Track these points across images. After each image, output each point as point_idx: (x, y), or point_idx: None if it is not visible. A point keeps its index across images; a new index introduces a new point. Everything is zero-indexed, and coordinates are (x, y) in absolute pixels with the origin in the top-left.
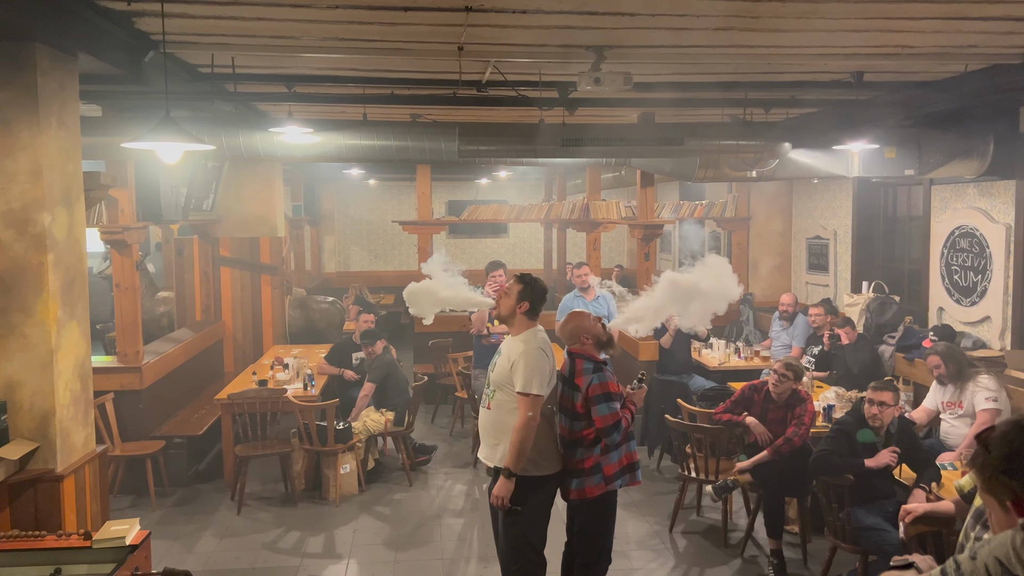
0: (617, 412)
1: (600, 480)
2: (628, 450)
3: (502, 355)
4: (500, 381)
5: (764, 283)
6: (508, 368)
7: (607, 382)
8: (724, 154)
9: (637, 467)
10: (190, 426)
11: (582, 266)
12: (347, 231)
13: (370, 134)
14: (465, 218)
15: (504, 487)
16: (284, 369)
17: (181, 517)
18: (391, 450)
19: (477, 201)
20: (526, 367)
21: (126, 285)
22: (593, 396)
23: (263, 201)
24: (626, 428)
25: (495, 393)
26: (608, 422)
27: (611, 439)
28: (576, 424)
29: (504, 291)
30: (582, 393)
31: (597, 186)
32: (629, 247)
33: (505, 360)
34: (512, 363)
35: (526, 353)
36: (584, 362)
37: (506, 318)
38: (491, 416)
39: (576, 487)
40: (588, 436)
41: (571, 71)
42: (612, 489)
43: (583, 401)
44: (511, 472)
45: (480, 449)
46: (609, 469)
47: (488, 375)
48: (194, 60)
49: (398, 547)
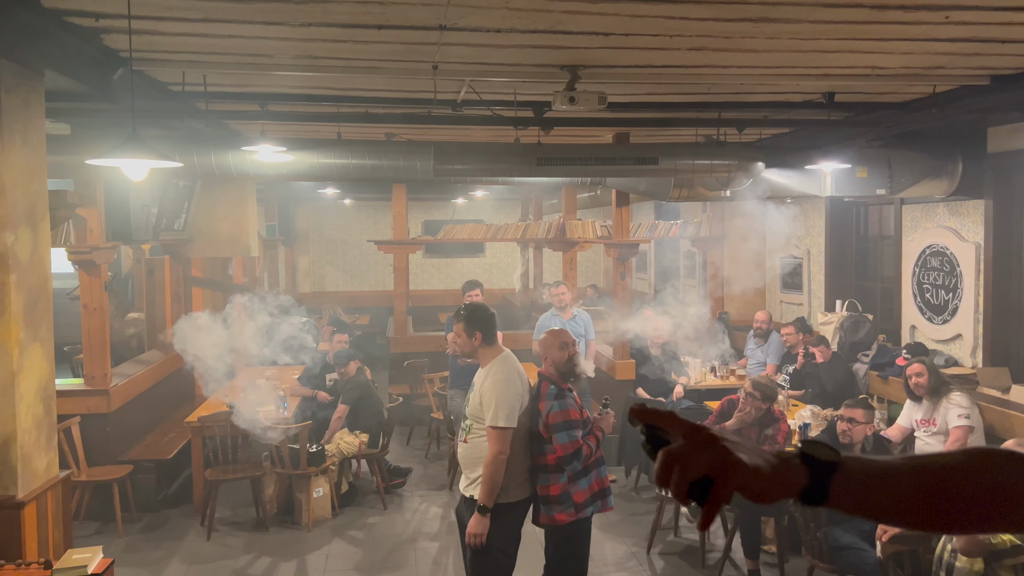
0: (578, 440)
1: (570, 508)
2: (599, 476)
3: (474, 389)
4: (475, 415)
5: (739, 302)
6: (479, 402)
7: (568, 410)
8: (698, 173)
9: (608, 493)
10: (159, 450)
11: (559, 285)
12: (322, 251)
13: (344, 153)
14: (441, 238)
15: (480, 523)
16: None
17: (149, 544)
18: (365, 473)
19: (453, 221)
20: (494, 400)
21: (94, 306)
22: (553, 424)
23: (236, 220)
24: (594, 455)
25: (472, 427)
26: (568, 450)
27: (572, 467)
28: (537, 446)
29: (452, 338)
30: (543, 418)
31: (573, 206)
32: (604, 266)
33: (476, 394)
34: (482, 397)
35: (493, 386)
36: (549, 386)
37: (471, 355)
38: (468, 449)
39: (545, 512)
40: (550, 462)
41: (546, 91)
42: (584, 517)
43: (544, 426)
44: (486, 508)
45: (460, 480)
46: (579, 496)
47: (463, 408)
48: (165, 78)
49: (372, 572)
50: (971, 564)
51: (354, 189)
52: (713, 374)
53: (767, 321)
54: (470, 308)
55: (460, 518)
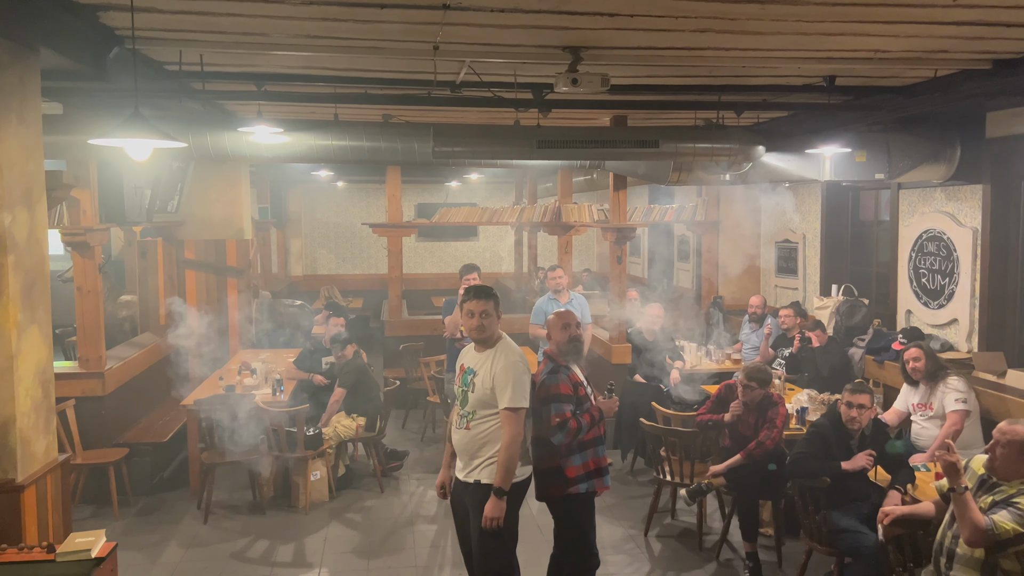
0: (563, 412)
1: (560, 481)
2: (596, 455)
3: (477, 375)
4: (483, 401)
5: (733, 286)
6: (490, 387)
7: (558, 384)
8: (699, 157)
9: (605, 472)
10: (154, 433)
11: (556, 269)
12: (314, 234)
13: (341, 134)
14: (436, 221)
15: (497, 507)
16: (252, 374)
17: (145, 527)
18: (361, 456)
19: (447, 204)
20: (511, 381)
21: (88, 288)
22: (542, 397)
23: (229, 203)
24: (585, 432)
25: (475, 414)
26: (553, 422)
27: (556, 439)
28: (538, 423)
29: (479, 319)
30: (535, 392)
31: (569, 189)
32: (599, 251)
33: (486, 379)
34: (494, 380)
35: (508, 367)
36: (547, 363)
37: (490, 337)
38: (471, 435)
39: (540, 483)
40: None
41: (546, 72)
42: (576, 492)
43: (537, 400)
44: (503, 491)
45: (458, 468)
46: (571, 471)
47: (462, 395)
48: (161, 57)
49: (370, 555)
50: (972, 551)
51: (347, 171)
52: (709, 358)
53: (762, 306)
54: (488, 287)
55: (458, 504)
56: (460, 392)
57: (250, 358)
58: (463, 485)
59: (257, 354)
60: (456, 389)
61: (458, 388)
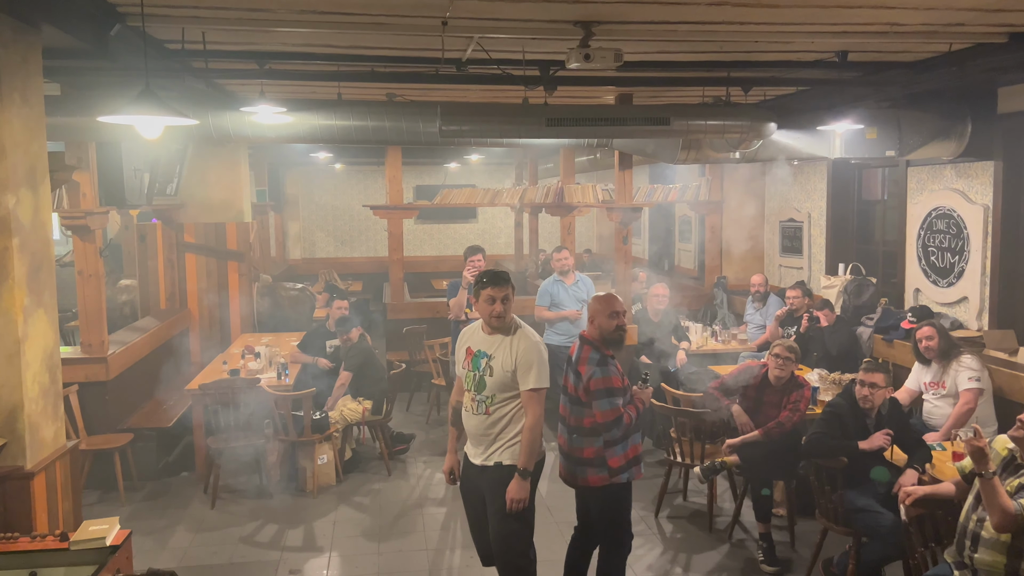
0: (619, 408)
1: (604, 472)
2: (633, 442)
3: (494, 358)
4: (504, 384)
5: (737, 266)
6: (511, 370)
7: (611, 376)
8: (710, 134)
9: (641, 459)
10: (158, 417)
11: (562, 250)
12: (312, 217)
13: (345, 114)
14: (438, 202)
15: (523, 488)
16: (256, 358)
17: (153, 512)
18: (368, 439)
19: (446, 186)
20: (535, 363)
21: (89, 272)
22: (595, 390)
23: (228, 185)
24: (629, 423)
25: (494, 398)
26: (608, 417)
27: (611, 435)
28: (576, 410)
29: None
30: (583, 383)
31: (571, 169)
32: (598, 231)
33: (506, 362)
34: (516, 362)
35: (531, 349)
36: (591, 351)
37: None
38: (489, 420)
39: (578, 473)
40: (586, 424)
41: (554, 49)
42: (619, 482)
43: (584, 391)
44: (528, 472)
45: (473, 453)
46: (614, 462)
47: (476, 380)
48: (162, 35)
49: (380, 538)
50: (999, 535)
51: (346, 153)
52: (714, 339)
53: (763, 284)
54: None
55: (470, 488)
56: (471, 377)
57: (253, 342)
58: (478, 469)
59: (260, 338)
60: (465, 373)
61: (468, 372)
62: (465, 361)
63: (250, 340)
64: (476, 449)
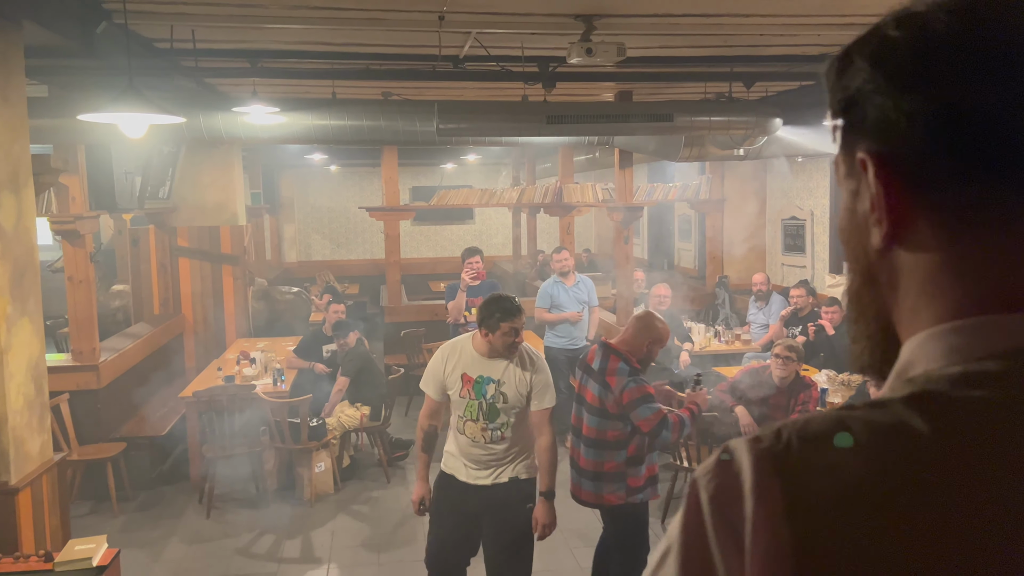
0: (660, 410)
1: (621, 490)
2: (650, 462)
3: (504, 383)
4: (516, 408)
5: (739, 265)
6: (526, 392)
7: (644, 385)
8: (714, 131)
9: (657, 480)
10: (152, 426)
11: (562, 251)
12: (308, 219)
13: (340, 114)
14: (435, 203)
15: (551, 511)
16: (251, 364)
17: (146, 522)
18: (366, 446)
19: (442, 187)
20: (551, 382)
21: (80, 278)
22: (630, 401)
23: (222, 188)
24: (687, 429)
25: (508, 423)
26: (653, 423)
27: (663, 438)
28: (598, 422)
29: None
30: (614, 395)
31: (570, 169)
32: (597, 231)
33: (521, 385)
34: (531, 384)
35: (545, 367)
36: (620, 362)
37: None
38: (505, 445)
39: (593, 490)
40: (610, 437)
41: (554, 44)
42: (635, 502)
43: (614, 403)
44: (553, 493)
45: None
46: (634, 481)
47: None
48: (150, 33)
49: (380, 548)
50: None
51: (341, 155)
52: (717, 339)
53: (765, 282)
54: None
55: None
56: (475, 405)
57: (248, 347)
58: (482, 489)
59: (255, 343)
60: (467, 403)
61: (470, 401)
62: (463, 390)
63: (245, 345)
64: (481, 472)
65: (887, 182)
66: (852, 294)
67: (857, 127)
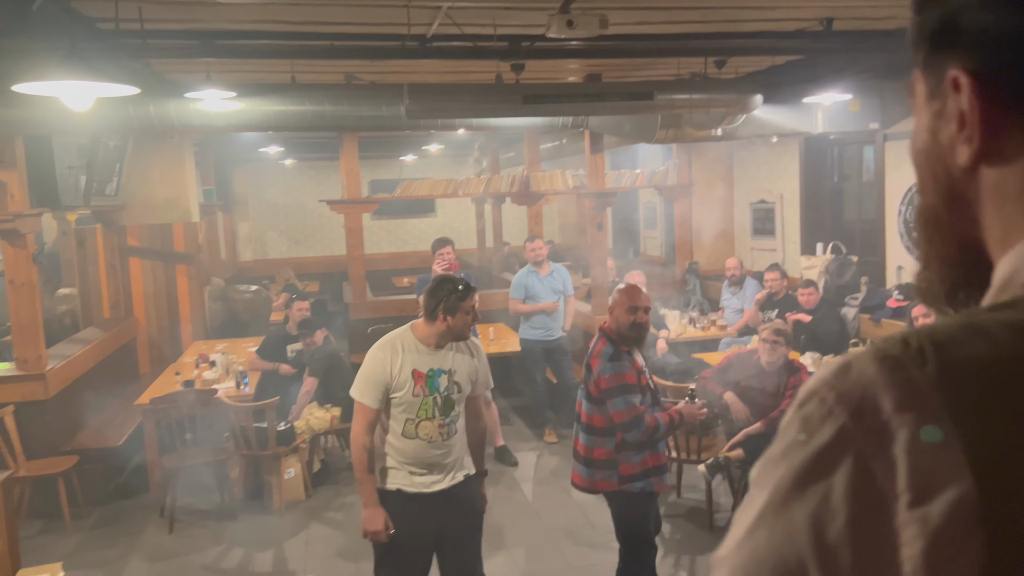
0: (636, 407)
1: (613, 477)
2: (654, 451)
3: (456, 372)
4: (467, 393)
5: (708, 251)
6: (475, 379)
7: (623, 372)
8: (695, 109)
9: (665, 470)
10: (106, 437)
11: (535, 239)
12: (263, 216)
13: (301, 99)
14: (399, 194)
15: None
16: (211, 367)
17: (103, 540)
18: (337, 449)
19: (402, 180)
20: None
21: (22, 281)
22: (606, 388)
23: (173, 183)
24: (663, 432)
25: (460, 413)
26: (624, 417)
27: (631, 436)
28: (588, 407)
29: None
30: (594, 379)
31: (536, 157)
32: (561, 222)
33: (471, 371)
34: (478, 370)
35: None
36: (606, 344)
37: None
38: (457, 438)
39: (587, 476)
40: (596, 423)
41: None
42: (630, 491)
43: (595, 387)
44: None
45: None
46: (626, 469)
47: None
48: (93, 12)
49: (358, 557)
50: None
51: (297, 148)
52: (693, 325)
53: (738, 267)
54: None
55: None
56: (430, 402)
57: (207, 350)
58: (439, 495)
59: (214, 345)
60: (421, 400)
61: (424, 398)
62: (416, 388)
63: (204, 348)
64: (437, 476)
65: (983, 99)
66: (928, 215)
67: (951, 45)
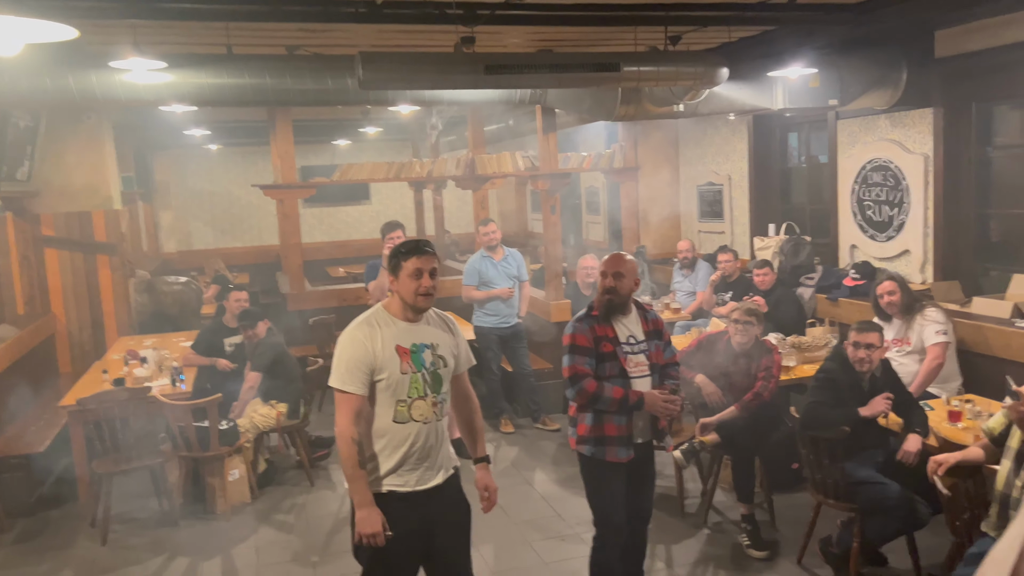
0: (575, 367)
1: (574, 434)
2: (615, 422)
3: (440, 345)
4: (451, 369)
5: (655, 235)
6: (455, 354)
7: (576, 333)
8: (663, 81)
9: (622, 443)
10: (26, 442)
11: (488, 223)
12: (187, 205)
13: (240, 71)
14: (337, 178)
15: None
16: (142, 364)
17: (29, 555)
18: (283, 447)
19: (337, 166)
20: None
21: None
22: (564, 345)
23: (92, 167)
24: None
25: (447, 393)
26: (565, 374)
27: (568, 393)
28: None
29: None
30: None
31: (480, 139)
32: (501, 209)
33: (452, 344)
34: (459, 346)
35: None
36: (585, 309)
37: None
38: (445, 421)
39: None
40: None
41: None
42: (581, 451)
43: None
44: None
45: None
46: (580, 428)
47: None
48: None
49: (314, 561)
50: None
51: (224, 133)
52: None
53: (690, 249)
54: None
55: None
56: (419, 379)
57: (135, 346)
58: (434, 491)
59: (142, 341)
60: (410, 378)
61: (412, 375)
62: (403, 365)
63: (131, 344)
64: (431, 471)
65: None
66: None
67: None
